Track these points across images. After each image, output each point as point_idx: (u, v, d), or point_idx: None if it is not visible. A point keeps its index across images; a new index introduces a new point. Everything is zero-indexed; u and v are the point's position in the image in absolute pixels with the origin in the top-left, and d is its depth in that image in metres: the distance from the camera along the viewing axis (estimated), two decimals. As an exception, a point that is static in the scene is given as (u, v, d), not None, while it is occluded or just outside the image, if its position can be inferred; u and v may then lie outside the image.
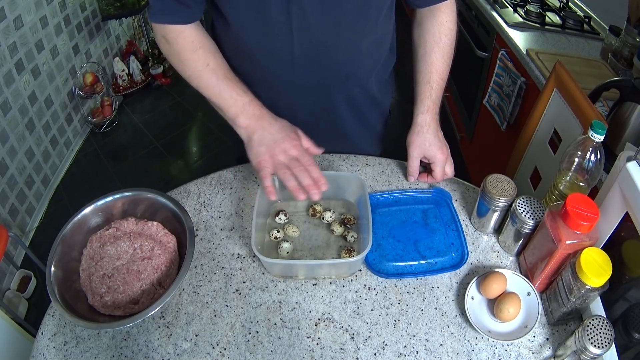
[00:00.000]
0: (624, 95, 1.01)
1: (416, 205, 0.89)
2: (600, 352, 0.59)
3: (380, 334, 0.72)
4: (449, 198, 0.90)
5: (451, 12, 0.88)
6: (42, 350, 0.71)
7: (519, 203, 0.75)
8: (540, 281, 0.73)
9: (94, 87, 2.55)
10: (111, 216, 0.83)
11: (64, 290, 0.72)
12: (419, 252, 0.81)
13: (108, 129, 2.69)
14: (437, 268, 0.80)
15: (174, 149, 2.58)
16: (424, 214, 0.87)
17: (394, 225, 0.85)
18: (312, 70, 0.86)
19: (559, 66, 1.10)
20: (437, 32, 0.88)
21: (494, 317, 0.72)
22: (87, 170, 2.48)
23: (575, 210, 0.64)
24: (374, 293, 0.77)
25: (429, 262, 0.80)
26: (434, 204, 0.89)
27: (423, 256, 0.80)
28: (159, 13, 0.78)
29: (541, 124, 1.19)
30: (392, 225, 0.85)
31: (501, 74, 1.66)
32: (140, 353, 0.70)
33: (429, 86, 0.88)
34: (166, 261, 0.78)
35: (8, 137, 1.96)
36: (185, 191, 0.94)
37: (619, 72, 1.39)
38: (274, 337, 0.72)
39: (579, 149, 0.71)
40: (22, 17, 2.04)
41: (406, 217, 0.87)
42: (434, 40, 0.88)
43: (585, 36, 1.63)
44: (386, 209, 0.88)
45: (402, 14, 1.37)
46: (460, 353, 0.69)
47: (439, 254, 0.81)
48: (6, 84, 1.94)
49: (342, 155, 1.00)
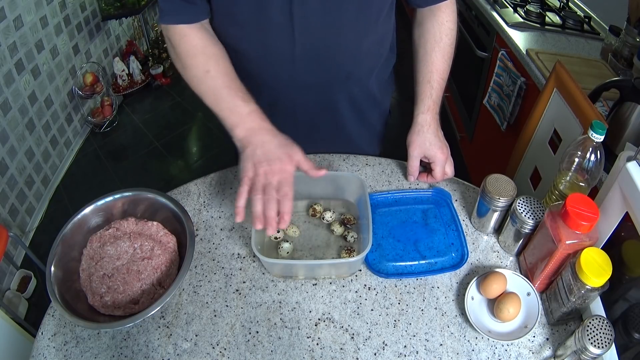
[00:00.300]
0: (624, 95, 1.01)
1: (416, 205, 0.89)
2: (600, 352, 0.59)
3: (380, 334, 0.72)
4: (449, 198, 0.90)
5: (451, 12, 0.88)
6: (42, 350, 0.71)
7: (519, 203, 0.75)
8: (540, 281, 0.73)
9: (94, 87, 2.55)
10: (111, 216, 0.83)
11: (64, 290, 0.72)
12: (419, 252, 0.81)
13: (108, 129, 2.69)
14: (437, 268, 0.80)
15: (174, 149, 2.58)
16: (424, 214, 0.87)
17: (394, 225, 0.85)
18: (313, 70, 0.86)
19: (559, 66, 1.10)
20: (438, 32, 0.87)
21: (494, 317, 0.72)
22: (87, 170, 2.48)
23: (575, 210, 0.64)
24: (374, 293, 0.77)
25: (429, 262, 0.80)
26: (434, 204, 0.89)
27: (423, 256, 0.80)
28: (167, 14, 0.78)
29: (541, 124, 1.19)
30: (392, 225, 0.85)
31: (501, 74, 1.66)
32: (140, 353, 0.70)
33: (430, 86, 0.88)
34: (166, 261, 0.78)
35: (8, 137, 1.96)
36: (185, 191, 0.94)
37: (619, 72, 1.39)
38: (274, 337, 0.72)
39: (579, 149, 0.71)
40: (22, 17, 2.04)
41: (406, 217, 0.87)
42: (434, 40, 0.88)
43: (585, 36, 1.63)
44: (386, 209, 0.88)
45: (402, 13, 1.37)
46: (460, 353, 0.69)
47: (439, 254, 0.81)
48: (6, 84, 1.94)
49: (342, 155, 1.00)
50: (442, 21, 0.87)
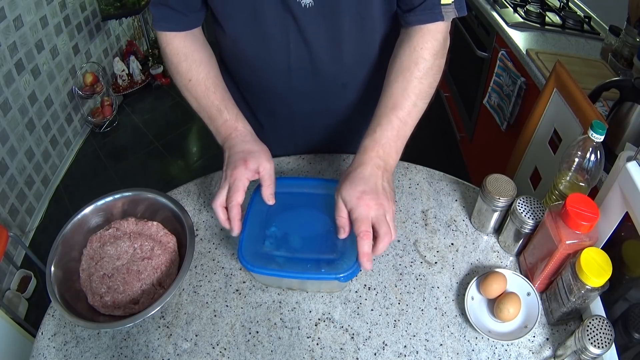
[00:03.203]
0: (624, 95, 1.01)
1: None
2: (600, 352, 0.59)
3: (380, 334, 0.72)
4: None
5: (433, 40, 0.73)
6: (42, 350, 0.71)
7: (519, 203, 0.75)
8: (540, 281, 0.73)
9: (94, 87, 2.56)
10: (111, 216, 0.83)
11: (64, 290, 0.72)
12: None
13: (108, 129, 2.69)
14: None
15: (174, 149, 2.58)
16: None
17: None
18: (309, 80, 0.86)
19: (559, 66, 1.10)
20: (407, 60, 0.74)
21: (494, 317, 0.72)
22: (87, 170, 2.48)
23: (575, 210, 0.64)
24: (374, 293, 0.77)
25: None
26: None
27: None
28: (158, 20, 0.79)
29: (541, 124, 1.19)
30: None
31: (501, 74, 1.67)
32: (140, 353, 0.70)
33: (376, 122, 0.73)
34: (166, 261, 0.78)
35: (8, 137, 1.96)
36: (185, 191, 0.94)
37: (619, 72, 1.39)
38: (274, 337, 0.72)
39: (579, 149, 0.71)
40: (22, 17, 2.04)
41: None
42: (400, 69, 0.74)
43: (585, 36, 1.63)
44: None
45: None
46: (460, 353, 0.69)
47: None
48: (6, 84, 1.94)
49: (342, 155, 1.00)
50: (416, 46, 0.73)
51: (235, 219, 0.70)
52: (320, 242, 0.70)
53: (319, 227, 0.72)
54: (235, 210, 0.70)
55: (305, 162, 0.98)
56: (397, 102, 0.72)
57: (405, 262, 0.80)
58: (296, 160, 0.98)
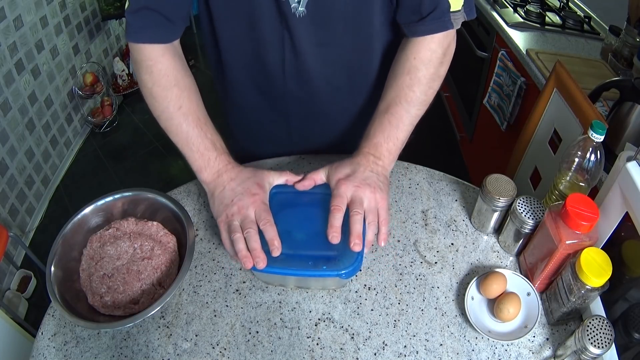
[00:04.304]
0: (624, 95, 1.01)
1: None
2: (600, 352, 0.59)
3: (380, 334, 0.72)
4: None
5: (428, 51, 0.74)
6: (42, 350, 0.71)
7: (519, 203, 0.75)
8: (540, 281, 0.73)
9: (94, 87, 2.56)
10: (111, 216, 0.83)
11: (64, 290, 0.72)
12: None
13: (108, 129, 2.69)
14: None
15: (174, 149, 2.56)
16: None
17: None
18: (303, 86, 0.86)
19: (559, 66, 1.10)
20: (400, 67, 0.76)
21: (494, 317, 0.72)
22: (87, 170, 2.49)
23: (575, 210, 0.64)
24: (374, 293, 0.77)
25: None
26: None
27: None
28: (137, 30, 0.71)
29: (541, 124, 1.19)
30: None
31: (501, 74, 1.67)
32: (140, 353, 0.70)
33: (370, 129, 0.77)
34: (166, 261, 0.78)
35: (8, 137, 1.96)
36: (185, 191, 0.94)
37: (619, 72, 1.39)
38: (274, 337, 0.72)
39: (579, 149, 0.71)
40: (22, 17, 2.04)
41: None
42: (393, 76, 0.77)
43: (585, 36, 1.63)
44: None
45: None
46: (460, 353, 0.69)
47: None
48: (6, 84, 1.94)
49: (341, 156, 1.00)
50: (408, 56, 0.75)
51: (274, 241, 0.67)
52: (321, 239, 0.70)
53: (319, 225, 0.72)
54: (272, 230, 0.67)
55: (305, 162, 0.98)
56: (390, 108, 0.75)
57: (405, 262, 0.80)
58: (296, 160, 0.98)
